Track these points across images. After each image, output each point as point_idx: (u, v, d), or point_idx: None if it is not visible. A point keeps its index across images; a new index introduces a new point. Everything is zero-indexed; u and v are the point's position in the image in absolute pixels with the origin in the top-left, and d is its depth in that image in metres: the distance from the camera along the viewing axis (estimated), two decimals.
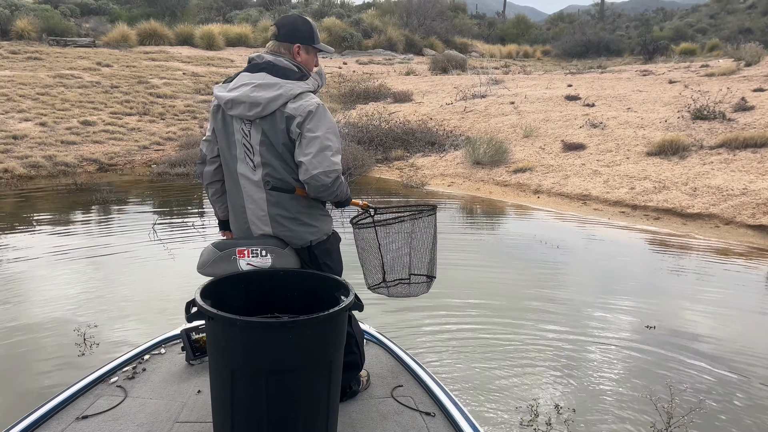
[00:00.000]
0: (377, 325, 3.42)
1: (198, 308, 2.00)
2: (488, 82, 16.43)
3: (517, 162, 9.84)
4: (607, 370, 3.90)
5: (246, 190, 2.34)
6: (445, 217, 7.93)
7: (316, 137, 2.19)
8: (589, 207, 8.05)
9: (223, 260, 2.28)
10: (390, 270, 2.70)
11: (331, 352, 2.04)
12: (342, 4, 35.79)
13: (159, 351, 2.95)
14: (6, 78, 14.29)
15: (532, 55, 35.45)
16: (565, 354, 4.10)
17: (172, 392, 2.57)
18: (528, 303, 4.97)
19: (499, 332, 4.41)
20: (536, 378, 3.79)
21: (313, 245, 2.38)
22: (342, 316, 2.06)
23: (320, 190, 2.23)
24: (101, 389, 2.57)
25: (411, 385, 2.64)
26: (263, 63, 2.32)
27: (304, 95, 2.25)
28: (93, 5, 28.51)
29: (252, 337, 1.93)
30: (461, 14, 41.94)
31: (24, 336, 4.23)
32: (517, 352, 4.12)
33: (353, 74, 20.67)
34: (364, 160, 10.44)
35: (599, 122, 11.04)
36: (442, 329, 4.46)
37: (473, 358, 4.02)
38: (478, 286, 5.34)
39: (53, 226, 7.11)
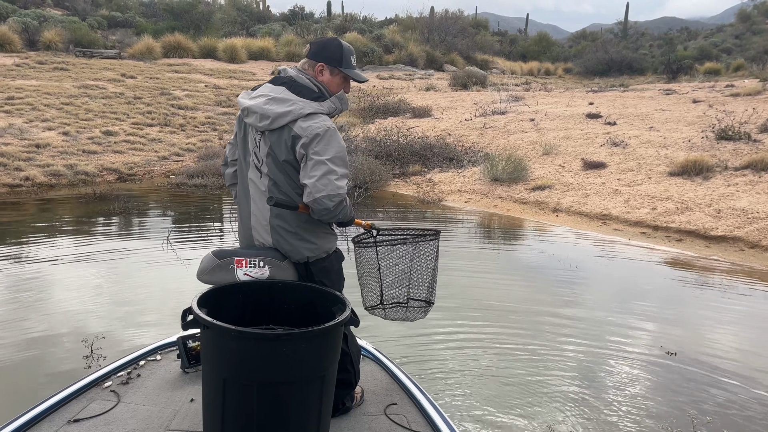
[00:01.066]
0: (384, 338, 3.34)
1: (194, 316, 1.99)
2: (508, 99, 16.34)
3: (536, 179, 9.72)
4: (625, 398, 3.76)
5: (253, 197, 2.37)
6: (461, 234, 7.83)
7: (321, 161, 2.18)
8: (609, 227, 7.90)
9: (221, 269, 2.28)
10: (388, 292, 2.67)
11: (325, 366, 2.03)
12: (364, 19, 36.10)
13: (155, 357, 2.94)
14: (32, 87, 14.56)
15: (553, 73, 35.35)
16: (580, 380, 3.97)
17: (165, 399, 2.56)
18: (543, 324, 4.84)
19: (512, 352, 4.29)
20: (548, 404, 3.66)
21: (310, 261, 2.36)
22: (337, 330, 2.04)
23: (323, 213, 2.22)
24: (95, 393, 2.57)
25: (405, 404, 2.61)
26: (286, 78, 2.35)
27: (315, 116, 2.23)
28: (120, 18, 29.08)
29: (246, 348, 1.92)
30: (483, 31, 42.04)
31: (35, 342, 4.21)
32: (530, 374, 3.99)
33: (373, 89, 20.73)
34: (381, 174, 10.39)
35: (621, 141, 10.88)
36: (451, 345, 4.36)
37: (483, 381, 3.91)
38: (492, 304, 5.22)
39: (71, 235, 7.15)
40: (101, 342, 4.11)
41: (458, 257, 6.66)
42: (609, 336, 4.67)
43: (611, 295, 5.62)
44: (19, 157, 9.84)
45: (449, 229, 8.09)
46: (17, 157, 9.83)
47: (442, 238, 7.01)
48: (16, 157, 9.79)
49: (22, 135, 10.92)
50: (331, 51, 2.38)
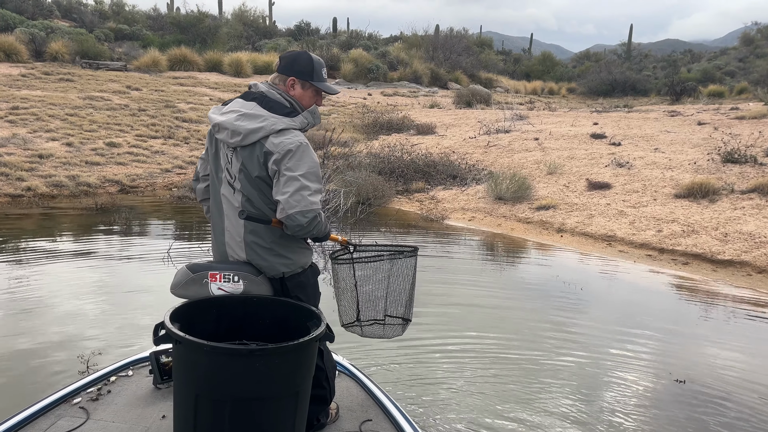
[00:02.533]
0: (377, 355, 3.25)
1: (166, 331, 1.95)
2: (513, 118, 16.34)
3: (541, 199, 9.65)
4: (634, 429, 3.65)
5: (226, 213, 2.34)
6: (464, 252, 7.75)
7: (294, 177, 2.16)
8: (614, 248, 7.81)
9: (195, 283, 2.26)
10: (365, 309, 2.63)
11: (299, 382, 2.00)
12: (369, 36, 36.33)
13: (126, 373, 2.87)
14: (37, 98, 14.59)
15: (557, 92, 35.47)
16: (583, 407, 3.86)
17: (135, 416, 2.49)
18: (544, 346, 4.74)
19: (510, 372, 4.19)
20: (544, 429, 3.56)
21: (285, 277, 2.32)
22: (312, 346, 2.02)
23: (296, 229, 2.19)
24: (63, 410, 2.50)
25: (380, 420, 2.59)
26: (257, 93, 2.33)
27: (287, 131, 2.22)
28: (127, 31, 29.29)
29: (218, 363, 1.89)
30: (487, 50, 42.31)
31: (28, 356, 4.13)
32: (527, 398, 3.89)
33: (377, 105, 20.78)
34: (385, 191, 10.34)
35: (625, 162, 10.83)
36: (444, 364, 4.26)
37: (482, 404, 3.80)
38: (493, 324, 5.13)
39: (70, 247, 7.08)
40: (96, 358, 4.02)
41: (460, 275, 6.57)
42: (615, 360, 4.56)
43: (617, 319, 5.52)
44: (21, 167, 9.81)
45: (452, 247, 8.01)
46: (20, 167, 9.79)
47: (440, 255, 6.91)
48: (19, 167, 9.76)
49: (26, 145, 10.91)
50: (302, 65, 2.35)
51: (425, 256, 7.46)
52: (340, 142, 12.97)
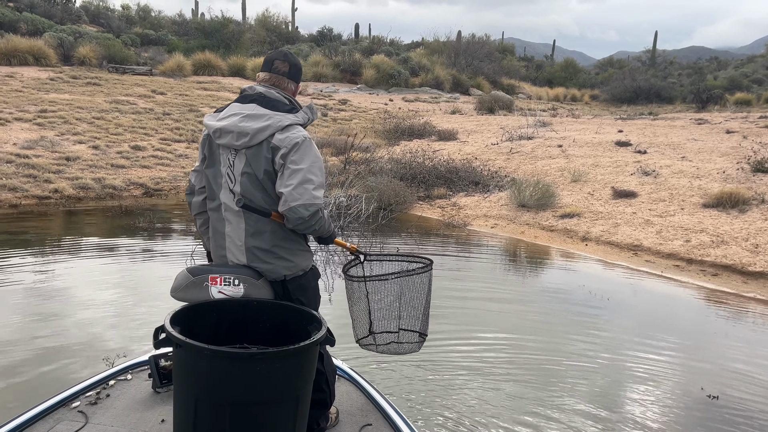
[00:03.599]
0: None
1: (166, 334, 1.95)
2: (535, 124, 16.21)
3: (565, 207, 9.53)
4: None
5: (227, 219, 2.32)
6: (486, 260, 7.67)
7: (298, 169, 2.19)
8: (640, 258, 7.66)
9: (195, 286, 2.24)
10: (377, 322, 2.59)
11: (299, 386, 1.99)
12: (391, 42, 36.38)
13: (125, 377, 2.86)
14: (65, 101, 14.83)
15: (579, 99, 35.14)
16: (609, 424, 3.76)
17: (134, 420, 2.48)
18: (568, 356, 4.65)
19: (530, 381, 4.10)
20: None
21: (287, 280, 2.32)
22: (312, 350, 2.01)
23: (298, 222, 2.19)
24: (62, 414, 2.49)
25: (380, 425, 2.57)
26: (255, 95, 2.33)
27: (292, 127, 2.25)
28: (153, 36, 29.71)
29: (219, 367, 1.88)
30: (509, 56, 42.12)
31: (47, 354, 4.15)
32: (549, 410, 3.80)
33: (399, 111, 20.77)
34: (406, 197, 10.30)
35: (652, 170, 10.66)
36: (461, 372, 4.19)
37: (495, 411, 3.73)
38: (511, 330, 5.05)
39: (95, 248, 7.15)
40: (118, 361, 4.02)
41: (481, 283, 6.50)
42: (643, 372, 4.46)
43: (644, 330, 5.40)
44: (49, 169, 9.96)
45: (474, 253, 7.93)
46: (47, 169, 9.94)
47: (461, 261, 6.83)
48: (47, 169, 9.91)
49: (53, 147, 11.08)
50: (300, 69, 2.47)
51: (446, 261, 7.41)
52: (361, 147, 12.97)
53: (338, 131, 15.90)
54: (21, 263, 6.34)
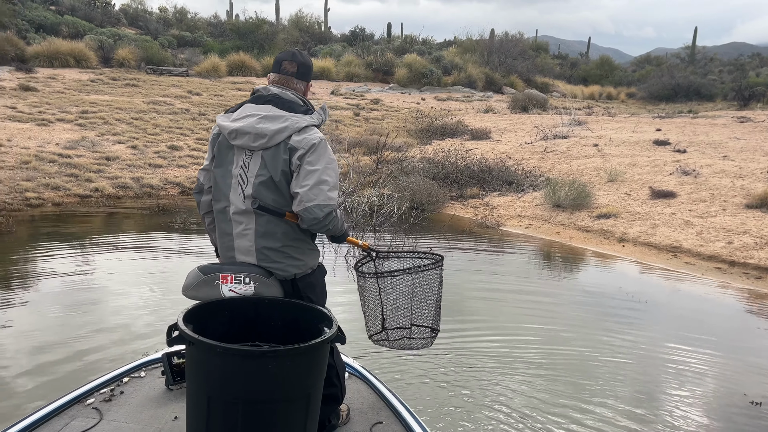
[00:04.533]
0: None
1: (179, 332, 1.96)
2: (570, 123, 15.97)
3: (601, 207, 9.36)
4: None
5: (235, 220, 2.32)
6: (520, 260, 7.59)
7: (314, 170, 2.21)
8: (679, 260, 7.48)
9: (206, 284, 2.26)
10: (390, 318, 2.61)
11: (311, 384, 2.00)
12: (423, 41, 36.27)
13: (139, 374, 2.89)
14: (105, 102, 15.21)
15: (615, 97, 34.48)
16: (646, 427, 3.68)
17: (148, 417, 2.51)
18: (604, 359, 4.56)
19: (566, 382, 4.04)
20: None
21: (297, 278, 2.33)
22: (323, 348, 2.02)
23: (312, 222, 2.21)
24: (77, 410, 2.52)
25: (391, 422, 2.57)
26: (269, 95, 2.33)
27: (309, 129, 2.27)
28: (189, 37, 30.24)
29: (231, 365, 1.90)
30: (543, 54, 41.57)
31: (88, 343, 4.26)
32: (583, 415, 3.73)
33: (431, 110, 20.70)
34: (439, 196, 10.25)
35: (692, 169, 10.39)
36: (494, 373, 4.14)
37: (532, 411, 3.68)
38: (546, 335, 4.97)
39: (131, 247, 7.31)
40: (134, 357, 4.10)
41: (514, 283, 6.43)
42: (683, 377, 4.35)
43: (684, 333, 5.26)
44: (90, 168, 10.22)
45: (507, 254, 7.85)
46: (89, 168, 10.21)
47: (494, 261, 6.77)
48: (88, 169, 10.17)
49: (94, 148, 11.37)
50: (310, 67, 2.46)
51: (478, 261, 7.35)
52: (393, 146, 12.97)
53: (370, 131, 15.92)
54: (64, 258, 6.52)
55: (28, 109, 13.37)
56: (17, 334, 4.59)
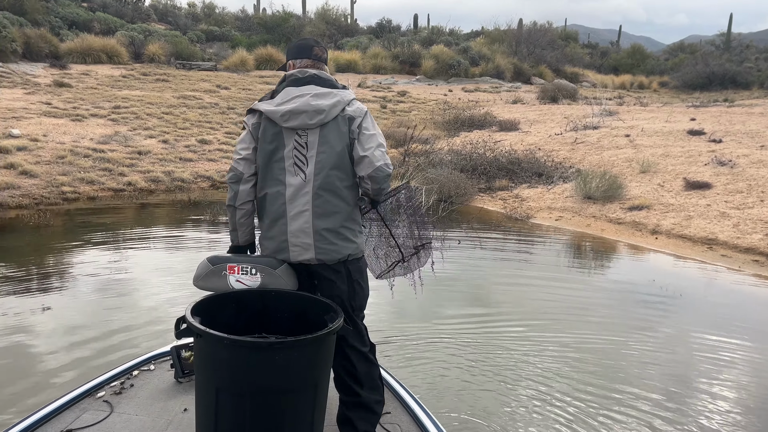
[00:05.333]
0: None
1: (187, 325, 2.00)
2: (601, 113, 15.69)
3: (633, 199, 9.19)
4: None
5: (291, 202, 2.32)
6: (550, 252, 7.50)
7: (373, 134, 2.35)
8: (715, 252, 7.31)
9: (214, 275, 2.31)
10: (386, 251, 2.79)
11: (318, 374, 2.03)
12: (450, 32, 36.00)
13: (148, 367, 2.93)
14: (136, 98, 15.47)
15: (647, 87, 33.75)
16: (678, 424, 3.60)
17: (158, 409, 2.54)
18: (634, 352, 4.48)
19: (586, 370, 3.98)
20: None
21: (349, 260, 2.36)
22: (330, 339, 2.05)
23: (383, 180, 2.32)
24: (87, 403, 2.56)
25: (399, 413, 2.59)
26: (309, 76, 2.40)
27: (355, 101, 2.42)
28: (217, 32, 30.51)
29: (239, 357, 1.93)
30: (572, 43, 40.91)
31: (118, 330, 4.35)
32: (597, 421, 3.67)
33: (458, 101, 20.55)
34: (467, 189, 10.18)
35: (728, 160, 10.12)
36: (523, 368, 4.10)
37: (555, 409, 3.63)
38: (576, 329, 4.90)
39: (162, 240, 7.43)
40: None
41: (544, 275, 6.35)
42: (718, 374, 4.25)
43: (721, 328, 5.13)
44: (123, 163, 10.41)
45: (537, 246, 7.77)
46: (121, 163, 10.40)
47: (524, 254, 6.69)
48: (121, 163, 10.36)
49: (126, 142, 11.57)
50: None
51: (508, 252, 7.28)
52: (420, 139, 12.92)
53: (397, 123, 15.88)
54: (99, 250, 6.66)
55: (63, 105, 13.67)
56: (54, 316, 4.72)
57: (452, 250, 7.14)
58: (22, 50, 18.26)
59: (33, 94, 14.54)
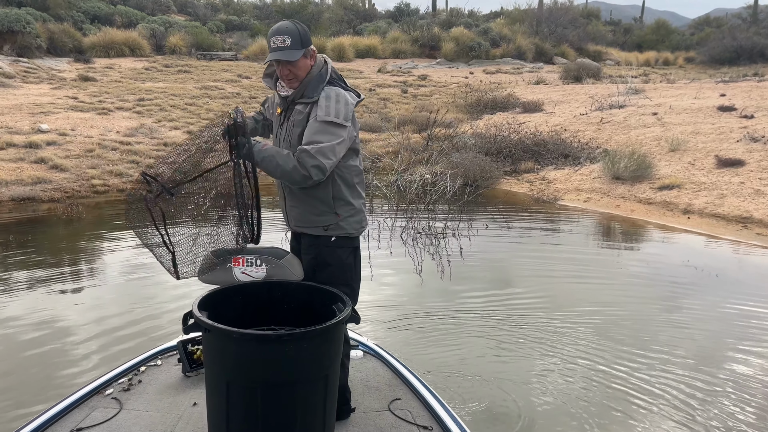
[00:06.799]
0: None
1: (195, 320, 1.99)
2: (627, 92, 15.39)
3: (663, 178, 9.02)
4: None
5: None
6: (579, 234, 7.42)
7: None
8: (750, 231, 7.15)
9: (219, 268, 2.28)
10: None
11: (328, 365, 2.01)
12: (470, 13, 35.55)
13: (155, 362, 2.92)
14: (160, 90, 15.60)
15: (673, 63, 33.01)
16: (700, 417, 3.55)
17: (167, 404, 2.53)
18: (664, 337, 4.41)
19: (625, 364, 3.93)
20: None
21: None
22: (339, 328, 2.04)
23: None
24: (96, 401, 2.55)
25: (408, 399, 2.59)
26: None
27: None
28: (236, 21, 30.55)
29: (248, 350, 1.92)
30: (594, 21, 40.07)
31: (142, 319, 4.44)
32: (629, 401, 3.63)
33: (480, 84, 20.32)
34: (492, 172, 10.09)
35: (761, 136, 9.86)
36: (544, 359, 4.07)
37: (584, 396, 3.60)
38: (608, 308, 4.85)
39: None
40: None
41: (575, 260, 6.28)
42: (760, 358, 4.17)
43: (760, 310, 5.04)
44: (149, 155, 10.53)
45: (566, 229, 7.69)
46: (148, 155, 10.51)
47: (553, 237, 6.55)
48: (147, 155, 10.48)
49: (152, 134, 11.69)
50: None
51: (535, 234, 7.21)
52: (443, 123, 12.82)
53: (419, 108, 15.78)
54: (129, 241, 6.76)
55: (89, 99, 13.84)
56: (86, 305, 4.82)
57: (480, 235, 7.11)
58: (47, 46, 18.52)
59: (59, 89, 14.75)
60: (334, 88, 2.32)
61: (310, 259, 2.40)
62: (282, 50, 2.25)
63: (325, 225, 2.37)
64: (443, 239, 6.91)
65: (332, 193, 2.35)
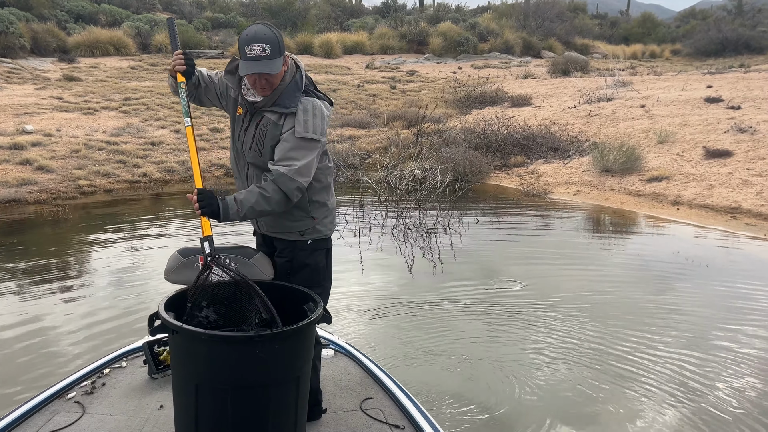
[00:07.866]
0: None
1: (161, 321, 1.92)
2: (614, 84, 15.44)
3: (652, 170, 9.05)
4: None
5: None
6: (570, 228, 7.43)
7: None
8: (739, 221, 7.19)
9: (186, 267, 2.22)
10: None
11: (299, 366, 1.98)
12: (457, 8, 35.52)
13: (120, 364, 2.84)
14: (146, 88, 15.44)
15: (659, 55, 33.16)
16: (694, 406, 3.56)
17: (132, 408, 2.46)
18: (656, 328, 4.43)
19: (623, 357, 3.94)
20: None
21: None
22: (310, 329, 2.00)
23: None
24: (58, 405, 2.46)
25: (380, 398, 2.57)
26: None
27: None
28: (222, 19, 30.33)
29: (217, 352, 1.87)
30: (581, 14, 40.16)
31: (131, 314, 4.37)
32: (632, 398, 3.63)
33: (468, 78, 20.30)
34: (482, 166, 10.09)
35: (748, 126, 9.92)
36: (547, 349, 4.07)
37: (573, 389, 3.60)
38: (605, 308, 4.86)
39: (177, 231, 7.45)
40: None
41: (565, 255, 6.29)
42: (749, 348, 4.19)
43: (750, 300, 5.06)
44: (137, 154, 10.43)
45: (556, 222, 7.69)
46: (135, 154, 10.41)
47: (542, 231, 6.49)
48: (135, 155, 10.37)
49: (139, 133, 11.58)
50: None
51: (526, 229, 7.22)
52: (432, 118, 12.79)
53: (408, 103, 15.75)
54: (116, 242, 6.69)
55: (74, 99, 13.68)
56: (72, 306, 4.76)
57: (471, 228, 7.10)
58: (30, 46, 18.27)
59: (44, 89, 14.57)
60: (311, 99, 2.24)
61: (285, 262, 2.35)
62: (262, 60, 2.09)
63: (302, 230, 2.33)
64: (434, 234, 6.90)
65: (308, 197, 2.30)
